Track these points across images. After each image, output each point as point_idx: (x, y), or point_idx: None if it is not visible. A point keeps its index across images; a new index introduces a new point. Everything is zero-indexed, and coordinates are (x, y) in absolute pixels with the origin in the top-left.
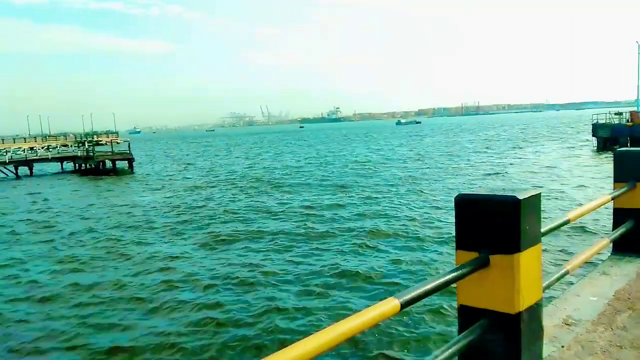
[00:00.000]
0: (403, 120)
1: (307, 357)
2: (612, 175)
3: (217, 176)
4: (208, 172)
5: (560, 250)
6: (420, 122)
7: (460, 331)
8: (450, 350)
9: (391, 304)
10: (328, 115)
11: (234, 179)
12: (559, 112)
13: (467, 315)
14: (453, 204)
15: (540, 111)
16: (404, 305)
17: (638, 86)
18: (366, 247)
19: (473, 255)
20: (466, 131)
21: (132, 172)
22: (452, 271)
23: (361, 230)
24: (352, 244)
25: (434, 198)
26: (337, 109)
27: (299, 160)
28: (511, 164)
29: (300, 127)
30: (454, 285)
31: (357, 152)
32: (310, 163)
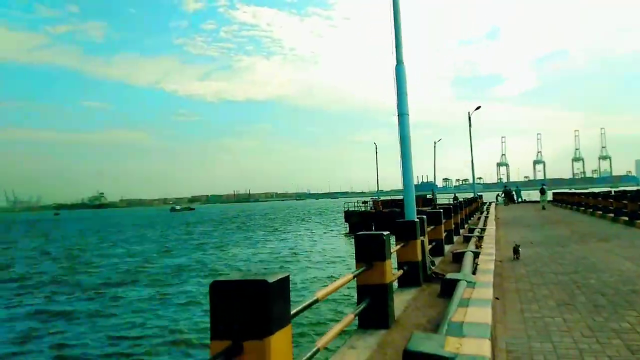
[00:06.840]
0: (177, 207)
1: None
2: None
3: None
4: None
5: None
6: (194, 209)
7: None
8: None
9: None
10: (90, 200)
11: None
12: (318, 200)
13: None
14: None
15: (304, 199)
16: None
17: (377, 179)
18: None
19: (226, 344)
20: (236, 220)
21: None
22: None
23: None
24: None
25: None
26: (101, 194)
27: None
28: (276, 247)
29: (56, 214)
30: None
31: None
32: None
